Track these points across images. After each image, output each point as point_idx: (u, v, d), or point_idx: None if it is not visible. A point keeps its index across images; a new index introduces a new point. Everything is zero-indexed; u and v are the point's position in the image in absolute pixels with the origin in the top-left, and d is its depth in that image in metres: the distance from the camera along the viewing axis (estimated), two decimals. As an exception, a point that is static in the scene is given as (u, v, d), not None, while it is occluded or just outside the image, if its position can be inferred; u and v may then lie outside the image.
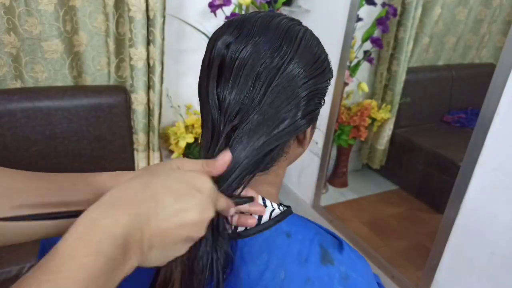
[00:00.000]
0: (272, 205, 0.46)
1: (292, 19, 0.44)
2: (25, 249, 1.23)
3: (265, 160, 0.43)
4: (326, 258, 0.43)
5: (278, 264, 0.42)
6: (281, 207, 0.47)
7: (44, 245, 0.52)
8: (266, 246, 0.43)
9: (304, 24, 0.46)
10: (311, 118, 0.44)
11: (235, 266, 0.43)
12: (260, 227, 0.44)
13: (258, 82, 0.40)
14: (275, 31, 0.41)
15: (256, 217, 0.43)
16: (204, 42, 1.69)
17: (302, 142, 0.48)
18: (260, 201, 0.45)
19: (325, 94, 0.46)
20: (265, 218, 0.45)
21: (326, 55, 0.46)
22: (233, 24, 0.43)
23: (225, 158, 0.40)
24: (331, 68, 0.47)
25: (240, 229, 0.44)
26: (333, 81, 1.66)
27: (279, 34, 0.41)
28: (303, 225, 0.46)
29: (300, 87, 0.41)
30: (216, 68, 0.42)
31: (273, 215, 0.45)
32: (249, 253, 0.43)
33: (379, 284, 0.54)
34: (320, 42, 0.46)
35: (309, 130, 0.47)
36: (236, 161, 0.41)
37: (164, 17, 1.49)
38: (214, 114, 0.42)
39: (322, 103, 0.46)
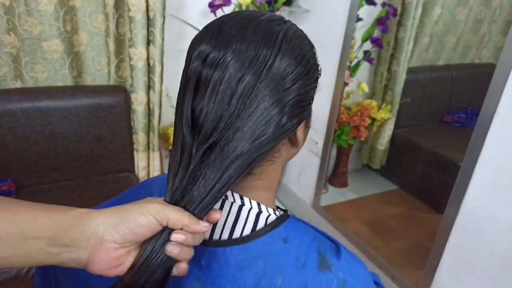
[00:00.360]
0: (267, 211, 0.45)
1: (272, 19, 0.41)
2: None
3: (250, 168, 0.40)
4: (324, 264, 0.42)
5: (275, 271, 0.41)
6: (277, 212, 0.47)
7: None
8: (263, 253, 0.42)
9: (304, 24, 0.45)
10: (298, 121, 0.42)
11: (232, 273, 0.42)
12: (257, 233, 0.43)
13: (235, 96, 0.38)
14: (253, 35, 0.39)
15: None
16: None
17: (295, 143, 0.46)
18: (256, 206, 0.45)
19: (314, 94, 0.44)
20: (261, 224, 0.44)
21: (312, 54, 0.43)
22: (211, 31, 0.40)
23: (205, 225, 0.39)
24: (318, 66, 0.44)
25: (235, 236, 0.43)
26: (333, 81, 1.67)
27: (257, 39, 0.39)
28: (301, 229, 0.46)
29: (282, 93, 0.39)
30: (193, 85, 0.40)
31: (269, 220, 0.44)
32: (245, 260, 0.42)
33: (377, 283, 0.53)
34: (306, 40, 0.43)
35: (301, 130, 0.45)
36: (214, 179, 0.39)
37: (164, 17, 1.49)
38: (186, 135, 0.40)
39: (311, 103, 0.44)
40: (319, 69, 0.44)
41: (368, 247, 1.61)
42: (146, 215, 0.37)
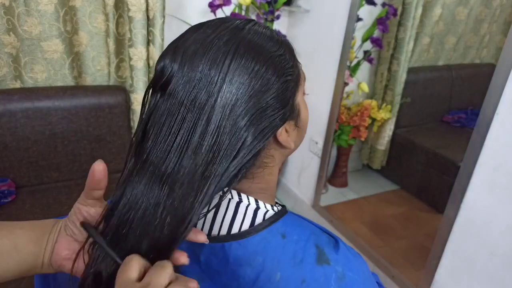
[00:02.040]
0: (265, 207, 0.46)
1: (221, 36, 0.40)
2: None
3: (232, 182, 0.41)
4: (322, 258, 0.42)
5: (274, 266, 0.41)
6: (275, 208, 0.47)
7: None
8: (261, 248, 0.42)
9: (304, 24, 0.45)
10: (271, 129, 0.41)
11: (231, 269, 0.42)
12: (255, 228, 0.43)
13: (184, 128, 0.38)
14: (201, 62, 0.39)
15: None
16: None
17: (284, 145, 0.45)
18: (253, 203, 0.45)
19: (289, 94, 0.43)
20: (259, 219, 0.44)
21: (277, 56, 0.41)
22: (166, 58, 0.41)
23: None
24: (286, 67, 0.42)
25: (233, 231, 0.44)
26: (333, 81, 1.67)
27: (205, 67, 0.39)
28: (298, 225, 0.46)
29: (239, 116, 0.38)
30: (147, 114, 0.41)
31: (267, 216, 0.45)
32: (244, 255, 0.42)
33: (378, 283, 0.53)
34: (266, 44, 0.41)
35: (284, 134, 0.44)
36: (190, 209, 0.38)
37: (164, 17, 1.49)
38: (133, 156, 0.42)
39: (288, 104, 0.43)
40: (289, 66, 0.43)
41: (368, 247, 1.61)
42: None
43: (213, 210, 0.45)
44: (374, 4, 1.58)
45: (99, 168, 0.41)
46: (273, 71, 0.41)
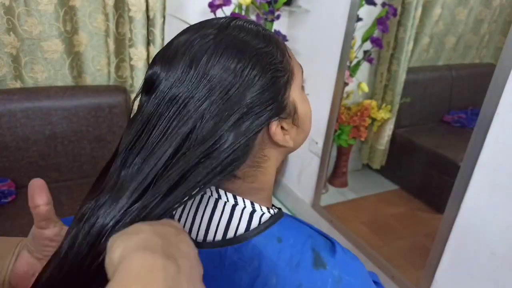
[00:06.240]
0: (261, 209, 0.45)
1: (211, 31, 0.40)
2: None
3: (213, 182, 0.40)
4: (319, 262, 0.42)
5: (270, 271, 0.41)
6: (271, 210, 0.46)
7: None
8: (257, 252, 0.42)
9: (304, 24, 0.44)
10: (255, 128, 0.40)
11: (227, 274, 0.42)
12: (250, 233, 0.43)
13: (165, 126, 0.39)
14: (183, 58, 0.39)
15: None
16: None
17: (282, 143, 0.43)
18: (249, 205, 0.44)
19: (272, 90, 0.41)
20: (255, 223, 0.43)
21: (255, 60, 0.40)
22: (156, 57, 0.42)
23: None
24: (269, 64, 0.40)
25: (229, 235, 0.43)
26: (333, 81, 1.67)
27: (187, 61, 0.39)
28: (295, 228, 0.45)
29: (217, 114, 0.38)
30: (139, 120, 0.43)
31: (263, 219, 0.44)
32: (240, 260, 0.42)
33: (376, 282, 0.53)
34: (247, 43, 0.40)
35: (279, 133, 0.42)
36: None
37: (164, 17, 1.49)
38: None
39: (276, 101, 0.41)
40: (278, 62, 0.41)
41: (368, 247, 1.61)
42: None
43: (209, 214, 0.44)
44: (374, 4, 1.58)
45: (37, 183, 0.42)
46: (258, 68, 0.39)
